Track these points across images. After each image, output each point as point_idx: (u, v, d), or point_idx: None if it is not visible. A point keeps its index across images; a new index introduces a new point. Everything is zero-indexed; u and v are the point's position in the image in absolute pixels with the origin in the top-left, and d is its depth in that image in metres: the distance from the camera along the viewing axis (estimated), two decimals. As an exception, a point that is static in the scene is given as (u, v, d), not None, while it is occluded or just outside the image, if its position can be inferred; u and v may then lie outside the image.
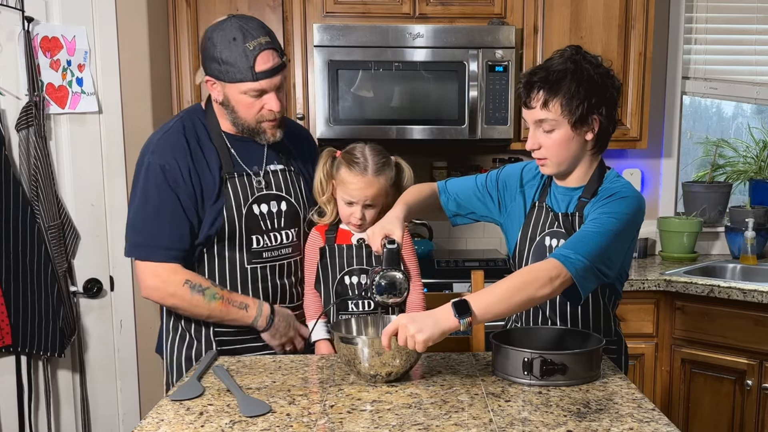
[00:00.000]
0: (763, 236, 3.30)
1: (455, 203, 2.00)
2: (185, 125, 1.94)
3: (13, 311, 2.43)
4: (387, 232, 1.75)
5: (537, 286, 1.58)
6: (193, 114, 1.98)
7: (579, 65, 1.71)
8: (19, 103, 2.46)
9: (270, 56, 1.84)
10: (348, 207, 1.98)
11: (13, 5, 2.43)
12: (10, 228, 2.40)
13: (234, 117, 1.92)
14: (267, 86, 1.85)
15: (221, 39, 1.82)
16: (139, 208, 1.89)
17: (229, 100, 1.88)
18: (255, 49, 1.81)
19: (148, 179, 1.88)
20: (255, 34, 1.83)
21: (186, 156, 1.88)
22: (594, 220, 1.70)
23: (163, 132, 1.93)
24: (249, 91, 1.85)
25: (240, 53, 1.81)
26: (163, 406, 1.53)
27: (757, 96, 3.48)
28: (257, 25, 1.86)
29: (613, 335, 1.90)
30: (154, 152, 1.88)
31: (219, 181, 1.92)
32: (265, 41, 1.84)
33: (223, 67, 1.83)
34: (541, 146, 1.76)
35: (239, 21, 1.84)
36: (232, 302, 1.92)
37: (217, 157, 1.93)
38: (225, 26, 1.83)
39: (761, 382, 2.72)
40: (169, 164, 1.86)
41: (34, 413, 2.57)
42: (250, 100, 1.86)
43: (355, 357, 1.61)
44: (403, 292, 1.73)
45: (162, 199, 1.87)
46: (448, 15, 3.04)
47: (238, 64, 1.82)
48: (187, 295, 1.89)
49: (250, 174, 1.96)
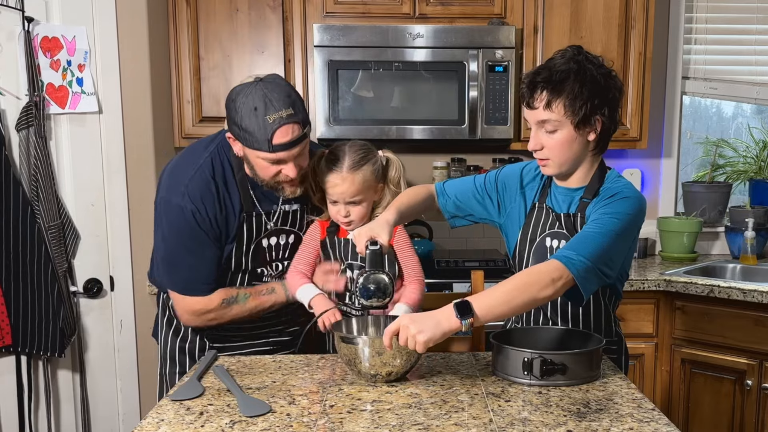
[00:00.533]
0: (763, 236, 3.30)
1: (454, 205, 1.99)
2: (214, 165, 1.94)
3: (13, 311, 2.43)
4: (373, 234, 1.74)
5: (539, 287, 1.58)
6: (222, 149, 1.97)
7: (582, 65, 1.71)
8: (20, 103, 2.47)
9: (289, 130, 1.81)
10: (333, 206, 1.98)
11: (13, 5, 2.43)
12: (10, 228, 2.41)
13: (253, 173, 1.93)
14: (284, 157, 1.84)
15: (243, 106, 1.80)
16: (175, 248, 1.94)
17: (249, 159, 1.89)
18: (274, 123, 1.79)
19: (180, 222, 1.90)
20: (277, 106, 1.79)
21: (214, 202, 1.92)
22: (595, 220, 1.70)
23: (194, 171, 1.92)
24: (266, 159, 1.84)
25: (259, 125, 1.79)
26: (163, 406, 1.53)
27: (757, 96, 3.48)
28: (282, 95, 1.81)
29: (614, 335, 1.90)
30: (185, 195, 1.89)
31: (238, 221, 1.96)
32: (287, 114, 1.80)
33: (242, 133, 1.82)
34: (543, 147, 1.76)
35: (264, 89, 1.80)
36: (260, 293, 2.00)
37: (240, 199, 1.96)
38: (249, 92, 1.80)
39: (761, 382, 2.72)
40: (200, 211, 1.90)
41: (34, 413, 2.57)
42: (266, 165, 1.86)
43: (355, 357, 1.61)
44: (387, 294, 1.71)
45: (196, 240, 1.91)
46: (448, 15, 3.04)
47: (256, 134, 1.80)
48: (227, 311, 1.97)
49: (262, 214, 1.99)
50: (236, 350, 2.07)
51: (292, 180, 1.90)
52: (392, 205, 1.89)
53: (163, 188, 1.96)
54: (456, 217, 2.01)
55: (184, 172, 1.93)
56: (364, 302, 1.72)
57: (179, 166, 1.98)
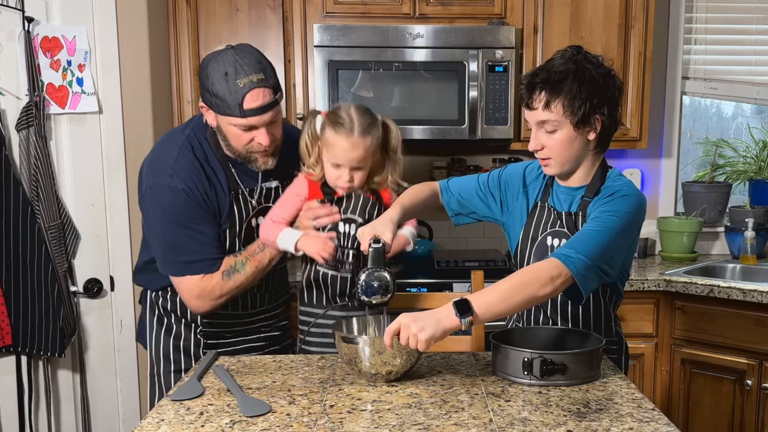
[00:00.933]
0: (762, 236, 3.30)
1: (457, 203, 2.00)
2: (193, 145, 1.95)
3: (13, 311, 2.43)
4: (377, 233, 1.74)
5: (538, 285, 1.58)
6: (198, 130, 1.98)
7: (580, 65, 1.71)
8: (20, 103, 2.47)
9: (260, 95, 1.83)
10: (335, 170, 1.95)
11: (13, 5, 2.43)
12: (10, 228, 2.41)
13: (226, 143, 1.94)
14: (256, 122, 1.85)
15: (214, 72, 1.82)
16: (174, 230, 1.91)
17: (221, 128, 1.90)
18: (245, 87, 1.81)
19: (175, 203, 1.89)
20: (248, 70, 1.81)
21: (203, 180, 1.92)
22: (595, 219, 1.70)
23: (177, 152, 1.92)
24: (238, 126, 1.85)
25: (230, 89, 1.81)
26: (163, 406, 1.53)
27: (756, 96, 3.48)
28: (252, 60, 1.84)
29: (614, 335, 1.90)
30: (174, 176, 1.89)
31: (229, 199, 1.96)
32: (258, 79, 1.82)
33: (214, 100, 1.84)
34: (543, 147, 1.76)
35: (235, 55, 1.82)
36: (254, 253, 1.97)
37: (225, 176, 1.96)
38: (220, 58, 1.83)
39: (761, 382, 2.72)
40: (192, 189, 1.89)
41: (34, 413, 2.57)
42: (239, 132, 1.87)
43: (356, 356, 1.61)
44: (389, 292, 1.72)
45: (193, 218, 1.90)
46: (448, 15, 3.04)
47: (228, 99, 1.82)
48: (230, 284, 1.94)
49: (246, 193, 1.99)
50: (230, 346, 2.07)
51: (265, 149, 1.90)
52: (396, 202, 1.89)
53: (148, 177, 1.93)
54: (459, 214, 2.02)
55: (166, 157, 1.92)
56: (366, 299, 1.72)
57: (159, 153, 1.97)
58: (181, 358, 2.07)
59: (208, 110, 1.90)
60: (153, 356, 2.11)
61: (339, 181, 1.95)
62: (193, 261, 1.92)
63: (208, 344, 2.06)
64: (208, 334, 2.07)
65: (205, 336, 2.07)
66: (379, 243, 1.72)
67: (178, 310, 2.07)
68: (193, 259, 1.92)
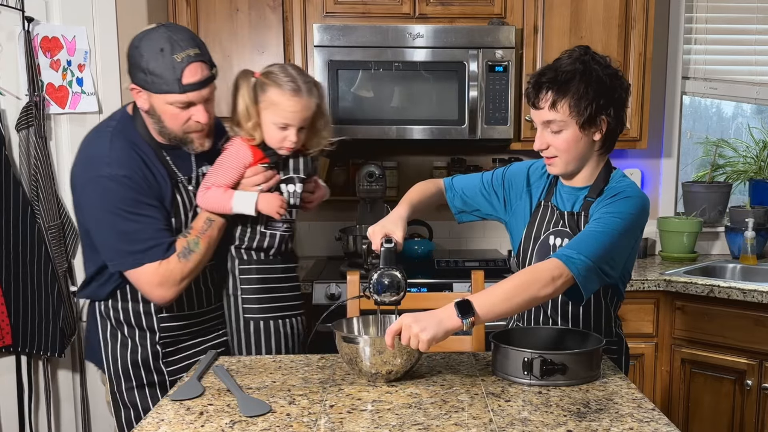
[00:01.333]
0: (763, 236, 3.30)
1: (461, 200, 2.00)
2: (125, 134, 1.88)
3: (13, 311, 2.43)
4: (387, 231, 1.76)
5: (539, 285, 1.58)
6: (124, 121, 1.92)
7: (588, 66, 1.71)
8: (19, 103, 2.47)
9: (198, 69, 1.81)
10: (281, 131, 1.92)
11: (13, 5, 2.43)
12: (10, 228, 2.41)
13: (160, 126, 1.88)
14: (194, 98, 1.83)
15: (148, 49, 1.78)
16: (121, 218, 1.83)
17: (156, 109, 1.85)
18: (183, 61, 1.78)
19: (117, 191, 1.81)
20: (183, 45, 1.79)
21: (141, 166, 1.86)
22: (598, 219, 1.70)
23: (108, 142, 1.85)
24: (175, 103, 1.82)
25: (167, 65, 1.78)
26: (164, 406, 1.53)
27: (757, 96, 3.48)
28: (187, 36, 1.82)
29: (614, 336, 1.90)
30: (111, 164, 1.82)
31: (171, 188, 1.90)
32: (194, 53, 1.80)
33: (150, 78, 1.80)
34: (549, 146, 1.76)
35: (168, 31, 1.80)
36: (204, 230, 1.92)
37: (162, 165, 1.91)
38: (153, 36, 1.80)
39: (761, 382, 2.72)
40: (131, 176, 1.83)
41: (34, 413, 2.57)
42: (176, 111, 1.83)
43: (356, 356, 1.62)
44: (401, 291, 1.73)
45: (137, 204, 1.83)
46: (448, 15, 3.04)
47: (165, 75, 1.78)
48: (188, 264, 1.88)
49: (185, 180, 1.95)
50: (189, 349, 2.02)
51: (203, 128, 1.87)
52: (404, 200, 1.90)
53: (83, 174, 1.85)
54: (462, 212, 2.02)
55: (98, 149, 1.86)
56: (378, 298, 1.73)
57: (89, 148, 1.89)
58: (141, 373, 1.97)
59: (139, 92, 1.84)
60: (112, 374, 1.98)
61: (285, 142, 1.94)
62: (148, 248, 1.84)
63: (167, 353, 1.98)
64: (166, 341, 1.98)
65: (164, 345, 1.98)
66: (391, 242, 1.73)
67: (132, 319, 1.97)
68: (147, 247, 1.83)
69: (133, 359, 1.97)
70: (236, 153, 1.95)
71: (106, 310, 1.98)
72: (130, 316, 1.97)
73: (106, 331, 1.99)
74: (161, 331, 1.98)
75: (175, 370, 1.99)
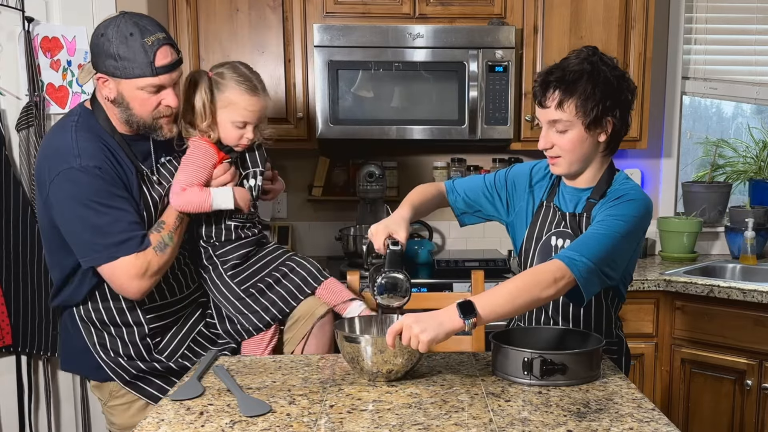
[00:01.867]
0: (762, 236, 3.30)
1: (463, 202, 2.00)
2: (89, 128, 1.87)
3: (13, 311, 2.43)
4: (391, 231, 1.76)
5: (541, 287, 1.59)
6: (85, 116, 1.90)
7: (596, 66, 1.71)
8: (20, 103, 2.47)
9: (168, 51, 1.83)
10: (238, 129, 1.96)
11: (13, 5, 2.44)
12: (10, 228, 2.41)
13: (128, 114, 1.87)
14: (166, 81, 1.83)
15: (117, 35, 1.78)
16: (94, 210, 1.79)
17: (124, 96, 1.84)
18: (154, 44, 1.79)
19: (90, 183, 1.79)
20: (151, 29, 1.81)
21: (108, 157, 1.84)
22: (601, 222, 1.70)
23: (73, 136, 1.83)
24: (147, 87, 1.82)
25: (138, 48, 1.78)
26: (164, 406, 1.53)
27: (756, 96, 3.48)
28: (151, 21, 1.84)
29: (614, 337, 1.90)
30: (81, 156, 1.79)
31: (137, 180, 1.89)
32: (163, 37, 1.82)
33: (120, 63, 1.79)
34: (553, 145, 1.76)
35: (133, 18, 1.81)
36: (176, 226, 1.91)
37: (127, 157, 1.89)
38: (118, 23, 1.80)
39: (761, 382, 2.72)
40: (101, 167, 1.81)
41: (34, 413, 2.57)
42: (146, 96, 1.83)
43: (358, 355, 1.62)
44: (405, 294, 1.73)
45: (109, 195, 1.81)
46: (448, 15, 3.04)
47: (137, 59, 1.79)
48: (164, 257, 1.86)
49: (148, 171, 1.94)
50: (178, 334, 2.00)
51: (172, 112, 1.88)
52: (405, 201, 1.90)
53: (52, 169, 1.80)
54: (466, 213, 2.02)
55: (64, 143, 1.83)
56: (380, 300, 1.73)
57: (54, 143, 1.86)
58: (140, 364, 1.95)
59: (106, 81, 1.83)
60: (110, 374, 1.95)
61: (242, 140, 1.97)
62: (122, 241, 1.80)
63: (157, 342, 1.96)
64: (156, 332, 1.96)
65: (153, 335, 1.96)
66: (397, 245, 1.73)
67: (116, 318, 1.93)
68: (122, 239, 1.80)
69: (126, 353, 1.94)
70: (204, 152, 1.96)
71: (87, 313, 1.94)
72: (114, 315, 1.93)
73: (92, 335, 1.95)
74: (149, 322, 1.96)
75: (170, 354, 1.99)
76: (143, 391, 1.98)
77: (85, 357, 1.96)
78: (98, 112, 1.91)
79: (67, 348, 2.02)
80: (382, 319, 1.81)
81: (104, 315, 1.94)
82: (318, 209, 3.42)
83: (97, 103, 1.92)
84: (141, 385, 1.97)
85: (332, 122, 2.95)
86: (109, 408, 2.02)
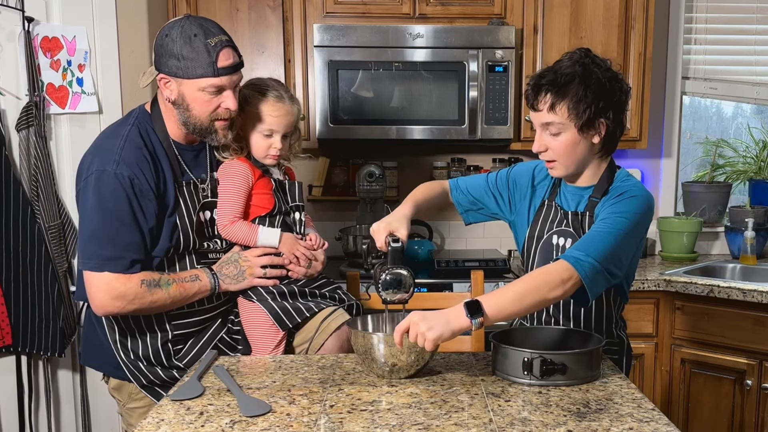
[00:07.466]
0: (762, 236, 3.30)
1: (467, 200, 2.01)
2: (141, 133, 1.89)
3: (13, 311, 2.43)
4: (392, 229, 1.76)
5: (549, 288, 1.59)
6: (143, 119, 1.93)
7: (587, 69, 1.71)
8: (20, 103, 2.47)
9: (230, 53, 1.85)
10: (267, 139, 1.96)
11: (13, 5, 2.44)
12: (10, 228, 2.41)
13: (186, 116, 1.88)
14: (227, 83, 1.85)
15: (181, 35, 1.81)
16: (109, 219, 1.82)
17: (185, 97, 1.86)
18: (217, 45, 1.81)
19: (117, 192, 1.81)
20: (215, 31, 1.83)
21: (150, 168, 1.86)
22: (604, 220, 1.71)
23: (123, 140, 1.86)
24: (208, 88, 1.83)
25: (201, 48, 1.80)
26: (164, 406, 1.53)
27: (756, 96, 3.48)
28: (215, 24, 1.87)
29: (615, 338, 1.90)
30: (120, 163, 1.82)
31: (174, 191, 1.90)
32: (225, 39, 1.85)
33: (183, 63, 1.81)
34: (548, 149, 1.76)
35: (197, 20, 1.84)
36: (183, 279, 1.90)
37: (170, 167, 1.91)
38: (183, 24, 1.83)
39: (761, 382, 2.72)
40: (138, 177, 1.83)
41: (34, 413, 2.57)
42: (207, 97, 1.85)
43: (369, 352, 1.64)
44: (409, 289, 1.75)
45: (131, 210, 1.82)
46: (448, 15, 3.04)
47: (200, 59, 1.80)
48: (148, 295, 1.85)
49: (197, 182, 1.95)
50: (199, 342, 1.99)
51: (230, 115, 1.89)
52: (408, 199, 1.91)
53: (92, 166, 1.84)
54: (470, 211, 2.02)
55: (111, 145, 1.85)
56: (384, 295, 1.75)
57: (104, 142, 1.89)
58: (158, 371, 1.95)
59: (168, 82, 1.85)
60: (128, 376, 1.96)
61: (271, 150, 1.97)
62: (113, 257, 1.81)
63: (177, 350, 1.96)
64: (179, 338, 1.97)
65: (176, 342, 1.96)
66: (398, 242, 1.74)
67: (141, 321, 1.93)
68: (113, 255, 1.81)
69: (145, 356, 1.95)
70: (237, 172, 1.96)
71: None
72: (140, 318, 1.93)
73: (114, 333, 1.95)
74: (173, 329, 1.96)
75: (190, 360, 1.98)
76: (161, 397, 1.96)
77: (107, 354, 1.98)
78: (156, 117, 1.93)
79: (89, 343, 2.04)
80: (391, 317, 1.83)
81: (130, 317, 1.93)
82: (318, 209, 3.42)
83: (157, 107, 1.94)
84: (159, 390, 1.97)
85: (332, 122, 2.95)
86: (128, 410, 2.03)
